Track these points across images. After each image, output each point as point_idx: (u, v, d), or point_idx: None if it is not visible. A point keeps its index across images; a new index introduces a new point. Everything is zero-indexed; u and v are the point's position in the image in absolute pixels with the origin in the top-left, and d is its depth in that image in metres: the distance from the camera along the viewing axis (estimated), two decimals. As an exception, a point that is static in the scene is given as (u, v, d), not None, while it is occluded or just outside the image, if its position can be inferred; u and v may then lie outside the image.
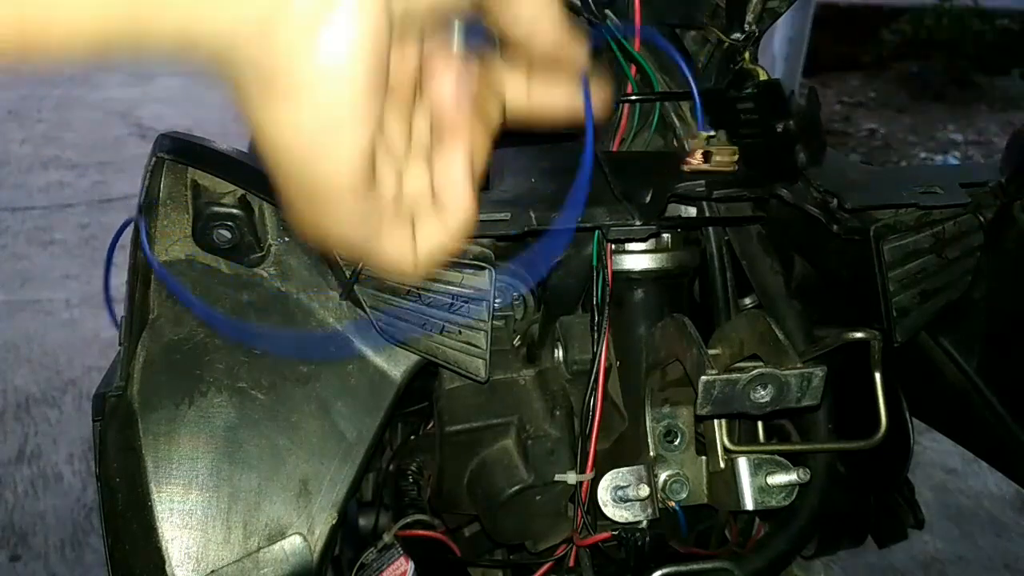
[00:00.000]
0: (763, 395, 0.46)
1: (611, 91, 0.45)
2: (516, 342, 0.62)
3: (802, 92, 0.55)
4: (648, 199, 0.50)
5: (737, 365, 0.48)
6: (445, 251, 0.39)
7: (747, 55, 0.56)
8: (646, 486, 0.54)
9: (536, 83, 0.42)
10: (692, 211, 0.57)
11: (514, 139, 0.51)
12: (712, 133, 0.52)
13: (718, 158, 0.50)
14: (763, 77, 0.55)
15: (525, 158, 0.56)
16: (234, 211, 0.52)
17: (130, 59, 0.28)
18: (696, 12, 0.56)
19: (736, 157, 0.50)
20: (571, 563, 0.58)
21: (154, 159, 0.53)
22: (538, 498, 0.59)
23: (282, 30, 0.28)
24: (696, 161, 0.50)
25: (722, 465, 0.53)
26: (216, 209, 0.51)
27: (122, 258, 0.58)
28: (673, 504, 0.55)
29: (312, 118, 0.31)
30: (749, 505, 0.52)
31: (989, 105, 4.96)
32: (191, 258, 0.52)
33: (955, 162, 4.00)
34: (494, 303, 0.50)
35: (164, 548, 0.47)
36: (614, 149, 0.58)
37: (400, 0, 0.31)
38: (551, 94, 0.42)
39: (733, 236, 0.60)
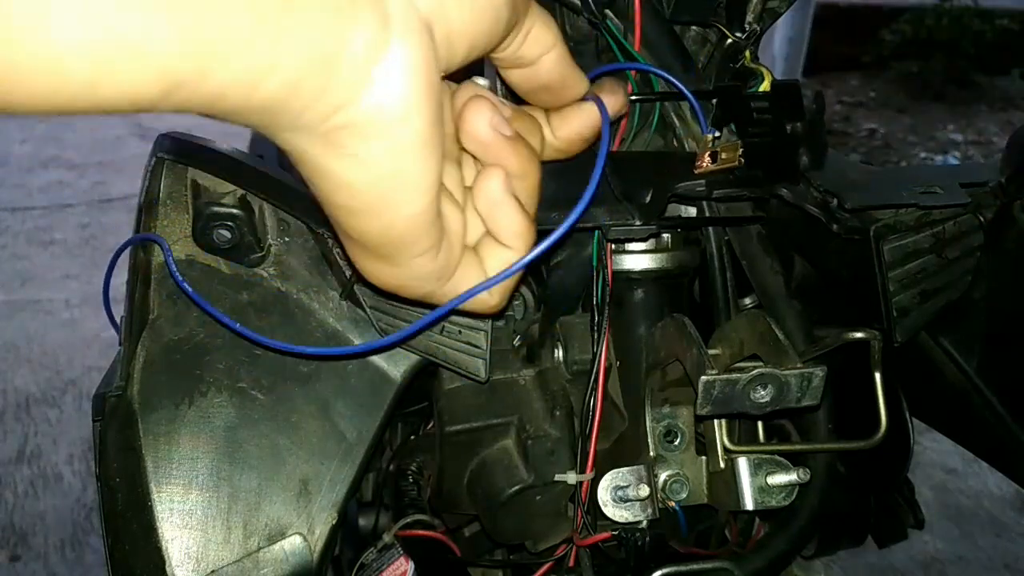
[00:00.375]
0: (763, 395, 0.46)
1: (624, 86, 0.46)
2: (516, 342, 0.62)
3: (804, 93, 0.55)
4: (648, 199, 0.50)
5: (737, 365, 0.48)
6: (517, 276, 0.39)
7: (748, 54, 0.56)
8: (646, 486, 0.54)
9: (556, 119, 0.43)
10: (692, 211, 0.57)
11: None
12: (717, 134, 0.52)
13: (724, 155, 0.50)
14: (766, 76, 0.55)
15: None
16: (234, 211, 0.52)
17: (187, 111, 0.27)
18: (709, 11, 0.56)
19: (740, 151, 0.50)
20: (571, 563, 0.58)
21: (154, 159, 0.53)
22: (538, 498, 0.59)
23: (343, 68, 0.28)
24: (705, 164, 0.51)
25: (722, 465, 0.53)
26: (216, 209, 0.51)
27: (122, 258, 0.58)
28: (673, 504, 0.55)
29: (377, 168, 0.31)
30: (749, 505, 0.52)
31: (989, 105, 4.96)
32: (191, 258, 0.52)
33: (955, 162, 4.00)
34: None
35: (164, 548, 0.47)
36: (614, 149, 0.58)
37: (443, 47, 0.31)
38: (571, 120, 0.44)
39: (733, 236, 0.60)
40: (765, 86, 0.55)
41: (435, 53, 0.31)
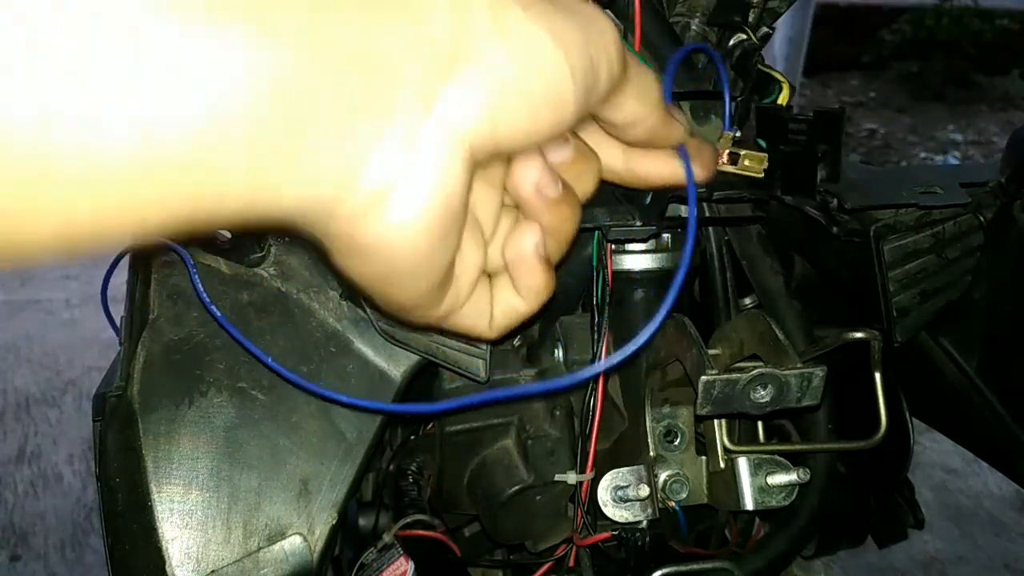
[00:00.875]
0: (763, 395, 0.46)
1: (714, 153, 0.44)
2: (516, 342, 0.62)
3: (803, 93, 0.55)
4: (648, 199, 0.50)
5: (737, 365, 0.48)
6: (520, 318, 0.39)
7: (757, 57, 0.56)
8: (646, 486, 0.54)
9: (634, 153, 0.41)
10: (682, 209, 0.56)
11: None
12: (739, 133, 0.51)
13: (747, 163, 0.50)
14: (785, 88, 0.54)
15: None
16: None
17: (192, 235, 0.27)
18: (746, 10, 0.56)
19: (765, 165, 0.49)
20: (571, 563, 0.58)
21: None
22: (538, 498, 0.59)
23: (345, 206, 0.27)
24: (723, 160, 0.50)
25: (722, 465, 0.53)
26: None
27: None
28: (673, 504, 0.55)
29: (380, 271, 0.31)
30: (749, 505, 0.52)
31: (989, 105, 4.96)
32: (191, 257, 0.52)
33: (955, 162, 4.00)
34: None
35: (164, 548, 0.47)
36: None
37: (488, 139, 0.29)
38: (649, 164, 0.41)
39: (733, 236, 0.60)
40: (784, 97, 0.54)
41: (470, 171, 0.29)
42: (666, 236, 0.58)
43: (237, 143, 0.24)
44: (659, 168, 0.41)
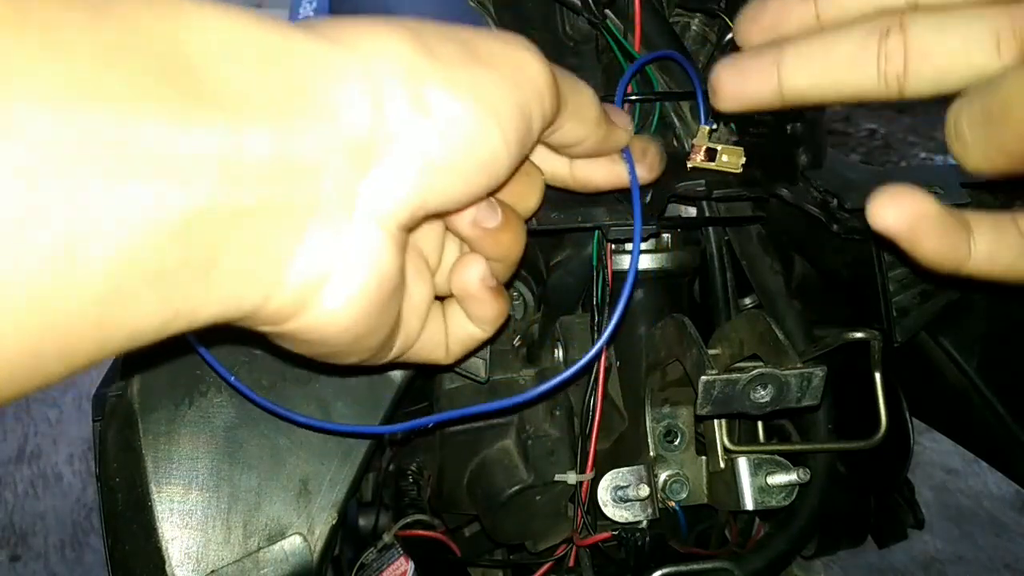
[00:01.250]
0: (763, 395, 0.46)
1: (659, 148, 0.44)
2: (516, 342, 0.62)
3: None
4: (648, 199, 0.50)
5: (737, 365, 0.48)
6: (477, 343, 0.38)
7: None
8: (646, 486, 0.54)
9: (578, 160, 0.40)
10: (692, 211, 0.56)
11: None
12: (715, 126, 0.52)
13: (724, 158, 0.50)
14: None
15: None
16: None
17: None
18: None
19: (743, 160, 0.50)
20: (571, 563, 0.58)
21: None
22: (538, 498, 0.59)
23: (272, 305, 0.27)
24: (700, 157, 0.50)
25: (722, 465, 0.53)
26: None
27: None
28: (673, 504, 0.55)
29: (321, 351, 0.30)
30: (749, 505, 0.52)
31: (989, 105, 4.95)
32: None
33: (955, 162, 3.99)
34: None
35: (164, 548, 0.47)
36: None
37: (419, 211, 0.28)
38: (593, 170, 0.41)
39: (733, 236, 0.60)
40: None
41: (402, 243, 0.29)
42: (666, 236, 0.58)
43: (143, 284, 0.22)
44: (604, 173, 0.41)
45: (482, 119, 0.29)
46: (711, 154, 0.50)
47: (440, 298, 0.38)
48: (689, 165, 0.50)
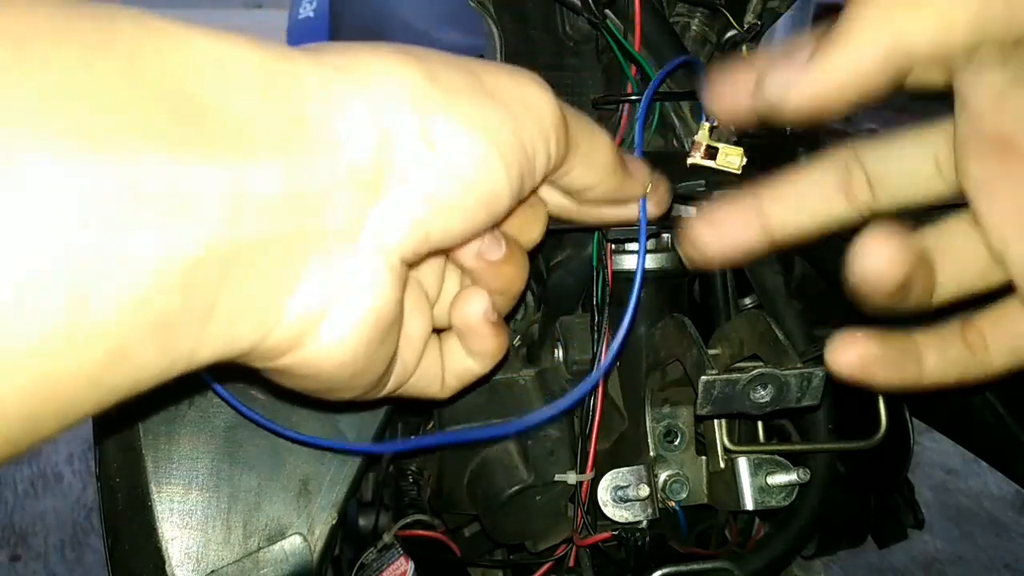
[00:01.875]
0: (763, 395, 0.46)
1: (668, 188, 0.43)
2: (516, 342, 0.62)
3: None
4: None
5: (737, 365, 0.48)
6: (474, 378, 0.38)
7: (745, 50, 0.56)
8: (646, 486, 0.54)
9: (585, 204, 0.39)
10: (692, 211, 0.56)
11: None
12: (716, 123, 0.51)
13: (725, 157, 0.50)
14: None
15: None
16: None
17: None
18: None
19: (743, 160, 0.50)
20: (571, 563, 0.58)
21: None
22: (538, 498, 0.59)
23: (270, 340, 0.26)
24: (700, 155, 0.50)
25: (722, 465, 0.53)
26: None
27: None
28: (673, 504, 0.55)
29: (316, 387, 0.30)
30: (749, 505, 0.52)
31: (989, 105, 4.96)
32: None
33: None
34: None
35: (164, 548, 0.47)
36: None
37: (421, 246, 0.28)
38: (602, 209, 0.40)
39: (733, 236, 0.60)
40: None
41: (402, 277, 0.28)
42: (666, 236, 0.58)
43: (145, 335, 0.22)
44: (612, 212, 0.40)
45: (486, 156, 0.28)
46: (711, 152, 0.50)
47: (437, 331, 0.38)
48: (689, 162, 0.50)
